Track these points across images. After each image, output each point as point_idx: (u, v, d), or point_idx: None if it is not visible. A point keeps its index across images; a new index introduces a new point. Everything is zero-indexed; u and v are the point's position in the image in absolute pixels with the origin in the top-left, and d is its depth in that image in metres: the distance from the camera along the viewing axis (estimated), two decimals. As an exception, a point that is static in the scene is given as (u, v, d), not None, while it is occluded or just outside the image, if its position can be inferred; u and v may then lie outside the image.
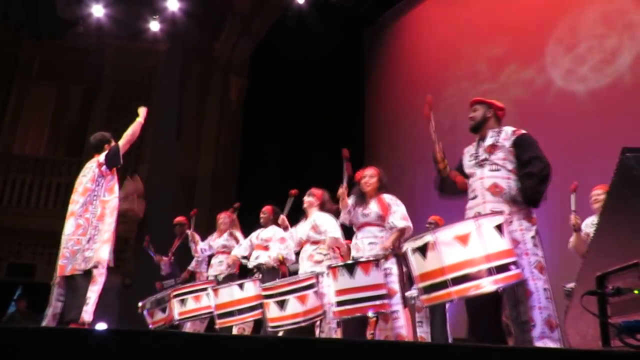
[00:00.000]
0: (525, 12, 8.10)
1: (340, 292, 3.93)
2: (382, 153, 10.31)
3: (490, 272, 2.78)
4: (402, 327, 4.01)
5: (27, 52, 10.84)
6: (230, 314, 5.06)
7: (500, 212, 3.05)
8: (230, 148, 11.51)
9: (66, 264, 4.37)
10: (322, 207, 5.01)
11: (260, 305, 5.01)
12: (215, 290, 5.18)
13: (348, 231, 4.73)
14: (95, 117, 10.71)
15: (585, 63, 7.14)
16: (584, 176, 6.25)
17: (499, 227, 2.90)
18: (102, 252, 4.44)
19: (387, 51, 10.96)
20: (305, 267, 4.85)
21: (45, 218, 9.71)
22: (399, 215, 4.21)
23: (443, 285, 2.84)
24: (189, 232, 6.94)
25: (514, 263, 2.87)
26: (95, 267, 4.38)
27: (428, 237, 2.92)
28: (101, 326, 6.26)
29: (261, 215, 5.93)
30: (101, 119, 10.62)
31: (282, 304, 4.36)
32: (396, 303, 4.00)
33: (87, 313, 4.24)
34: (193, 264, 6.86)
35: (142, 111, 5.06)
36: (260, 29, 11.54)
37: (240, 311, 5.05)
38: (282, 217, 5.39)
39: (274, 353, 1.33)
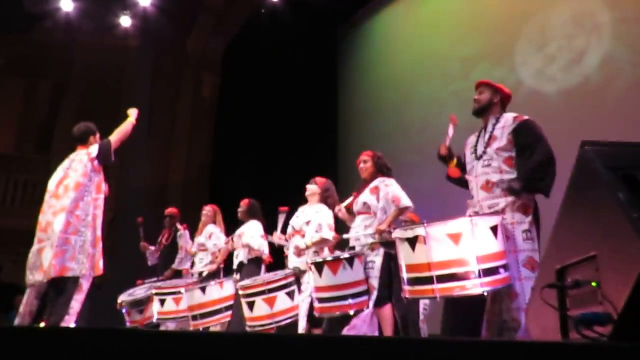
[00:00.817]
0: (497, 11, 8.18)
1: (318, 289, 3.88)
2: (354, 150, 10.26)
3: (479, 274, 2.73)
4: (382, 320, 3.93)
5: (-7, 47, 10.61)
6: (195, 317, 5.01)
7: (498, 212, 2.98)
8: (203, 146, 11.41)
9: (56, 264, 4.10)
10: (324, 198, 4.85)
11: (227, 308, 4.96)
12: (186, 292, 5.14)
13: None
14: (64, 113, 10.51)
15: (555, 63, 7.24)
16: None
17: (494, 229, 2.85)
18: (97, 261, 4.31)
19: (360, 49, 10.97)
20: (291, 261, 4.78)
21: (13, 216, 9.51)
22: (389, 196, 4.04)
23: (428, 280, 2.80)
24: (179, 226, 6.82)
25: (504, 266, 2.82)
26: (84, 275, 4.21)
27: (419, 230, 2.86)
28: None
29: (238, 210, 5.85)
30: (70, 116, 10.41)
31: (250, 305, 4.32)
32: (372, 300, 3.90)
33: (68, 323, 4.09)
34: (176, 261, 6.74)
35: (133, 112, 4.91)
36: (234, 25, 11.46)
37: (203, 315, 5.00)
38: (279, 235, 5.14)
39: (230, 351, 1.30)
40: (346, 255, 3.89)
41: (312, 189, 4.93)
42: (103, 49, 10.84)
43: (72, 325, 4.16)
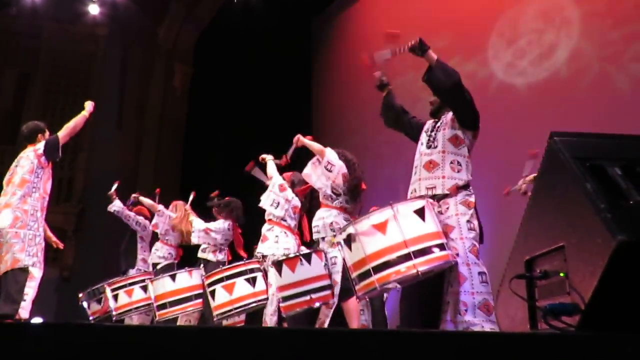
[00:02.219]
0: (469, 5, 8.24)
1: (281, 289, 3.99)
2: (328, 142, 10.21)
3: (409, 256, 2.81)
4: (348, 312, 4.00)
5: (-45, 34, 10.26)
6: (164, 306, 5.03)
7: (422, 197, 3.08)
8: (174, 137, 11.25)
9: (7, 258, 4.24)
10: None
11: (197, 296, 5.00)
12: (151, 281, 5.15)
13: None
14: (30, 102, 10.25)
15: (525, 57, 7.33)
16: (522, 165, 6.44)
17: (420, 211, 2.92)
18: (40, 253, 4.38)
19: (335, 41, 10.95)
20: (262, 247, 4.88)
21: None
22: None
23: (367, 274, 2.89)
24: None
25: (438, 245, 2.89)
26: (33, 265, 4.29)
27: (349, 229, 2.99)
28: (37, 320, 6.06)
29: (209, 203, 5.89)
30: (36, 105, 10.18)
31: (212, 294, 4.39)
32: (335, 294, 3.99)
33: (25, 310, 4.14)
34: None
35: (89, 105, 4.86)
36: (206, 15, 11.29)
37: (174, 303, 5.03)
38: None
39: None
40: (303, 252, 4.07)
41: None
42: (71, 37, 10.59)
43: (27, 312, 4.22)
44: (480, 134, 3.27)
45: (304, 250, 4.26)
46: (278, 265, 3.97)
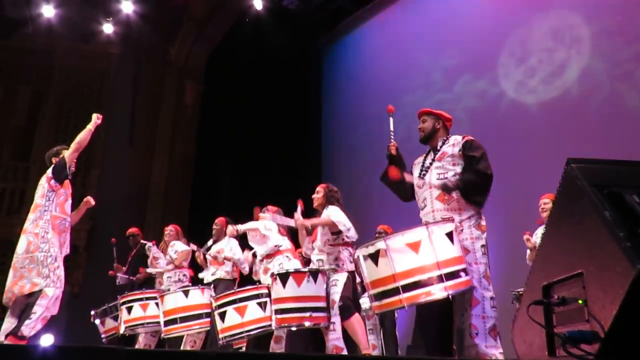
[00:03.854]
0: (479, 24, 8.27)
1: (275, 301, 4.00)
2: (338, 160, 10.34)
3: (441, 279, 2.80)
4: (338, 339, 4.00)
5: (-28, 52, 10.42)
6: (174, 321, 4.99)
7: (451, 219, 3.07)
8: (185, 154, 11.31)
9: (25, 284, 4.27)
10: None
11: (207, 315, 4.96)
12: (162, 297, 5.12)
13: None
14: (43, 120, 10.37)
15: (536, 75, 7.34)
16: (533, 184, 6.42)
17: (450, 235, 2.93)
18: (53, 273, 4.37)
19: (344, 59, 11.01)
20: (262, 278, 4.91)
21: (-11, 224, 9.33)
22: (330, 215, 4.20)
23: (394, 292, 2.85)
24: (147, 243, 6.78)
25: (464, 270, 2.91)
26: (47, 285, 4.31)
27: (380, 244, 2.93)
28: (48, 338, 6.05)
29: (214, 227, 5.83)
30: (49, 122, 10.30)
31: (222, 315, 4.36)
32: (334, 314, 3.99)
33: (27, 327, 4.13)
34: (149, 265, 6.66)
35: (95, 118, 4.82)
36: (217, 34, 11.42)
37: (184, 319, 5.00)
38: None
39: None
40: (311, 268, 4.03)
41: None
42: (84, 55, 10.74)
43: (36, 330, 4.20)
44: (491, 152, 3.27)
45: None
46: (284, 277, 3.95)
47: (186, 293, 5.09)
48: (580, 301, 1.63)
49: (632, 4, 6.46)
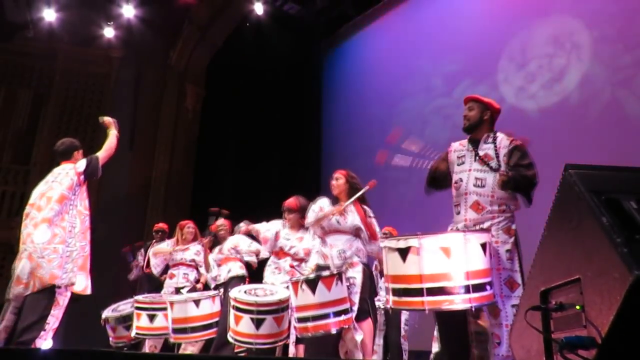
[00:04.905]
0: (479, 29, 8.30)
1: (301, 308, 3.79)
2: (338, 165, 10.29)
3: (467, 289, 2.73)
4: (363, 334, 3.86)
5: (-27, 55, 10.45)
6: (184, 330, 4.95)
7: (487, 230, 2.99)
8: (186, 158, 11.33)
9: (43, 274, 4.06)
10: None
11: (216, 324, 4.92)
12: (172, 304, 5.07)
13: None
14: (44, 123, 10.38)
15: (535, 81, 7.35)
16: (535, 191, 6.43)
17: (484, 246, 2.85)
18: (79, 279, 4.26)
19: (344, 64, 11.04)
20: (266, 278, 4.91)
21: (-11, 227, 9.33)
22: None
23: (418, 292, 2.78)
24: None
25: (490, 283, 2.83)
26: (59, 287, 4.14)
27: (413, 241, 2.82)
28: (47, 343, 6.02)
29: (220, 229, 5.87)
30: (50, 126, 10.30)
31: (258, 323, 4.21)
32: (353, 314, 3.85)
33: (42, 339, 4.02)
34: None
35: (112, 123, 4.77)
36: (218, 38, 11.44)
37: (194, 329, 4.96)
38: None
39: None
40: (334, 272, 3.82)
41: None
42: (85, 59, 10.77)
43: (49, 341, 4.11)
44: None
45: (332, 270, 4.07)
46: (312, 283, 3.72)
47: (197, 303, 5.01)
48: (577, 307, 1.63)
49: (632, 10, 6.47)
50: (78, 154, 4.61)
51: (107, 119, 4.81)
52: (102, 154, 4.55)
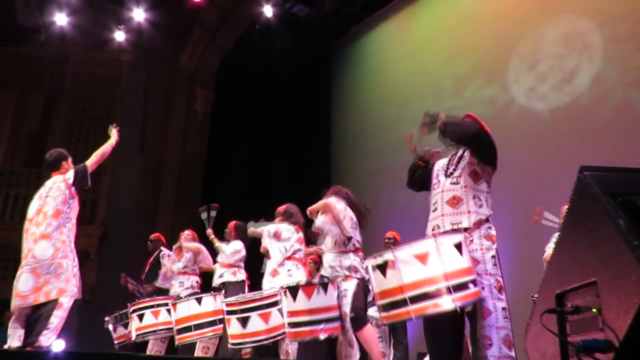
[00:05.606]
0: (489, 30, 8.27)
1: (289, 314, 3.94)
2: (347, 166, 10.34)
3: (449, 290, 2.78)
4: (365, 340, 3.92)
5: (-15, 58, 10.56)
6: (188, 329, 5.00)
7: (460, 230, 3.04)
8: (196, 160, 11.37)
9: (51, 289, 4.15)
10: (291, 223, 4.93)
11: (220, 321, 4.96)
12: (174, 305, 5.12)
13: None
14: (56, 126, 10.47)
15: (546, 82, 7.31)
16: (544, 191, 6.39)
17: (458, 246, 2.90)
18: (72, 284, 4.30)
19: (353, 65, 11.03)
20: (265, 283, 4.87)
21: (2, 230, 9.41)
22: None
23: (402, 303, 2.84)
24: (163, 249, 6.75)
25: (473, 281, 2.88)
26: (73, 295, 4.25)
27: (388, 255, 2.92)
28: (59, 344, 6.09)
29: (226, 231, 5.93)
30: (62, 129, 10.39)
31: (244, 321, 4.29)
32: (347, 328, 3.92)
33: (45, 337, 4.05)
34: (160, 279, 6.64)
35: (114, 133, 4.87)
36: (227, 41, 11.49)
37: (198, 326, 5.00)
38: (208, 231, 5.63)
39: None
40: (321, 281, 3.95)
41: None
42: (96, 62, 10.85)
43: (52, 340, 4.13)
44: (501, 159, 3.24)
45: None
46: (293, 290, 3.91)
47: (199, 300, 5.10)
48: (594, 310, 1.62)
49: (643, 10, 6.43)
50: (67, 164, 4.64)
51: (113, 130, 4.92)
52: (91, 161, 4.58)
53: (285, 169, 10.76)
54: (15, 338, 4.18)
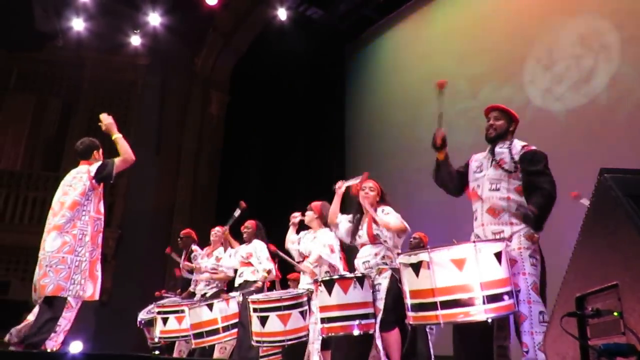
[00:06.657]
0: (504, 31, 8.21)
1: (322, 309, 3.83)
2: (362, 169, 10.26)
3: (483, 300, 2.69)
4: (388, 345, 3.82)
5: (4, 64, 10.69)
6: (201, 335, 5.01)
7: (502, 239, 2.95)
8: (211, 164, 11.42)
9: (48, 283, 3.93)
10: (325, 222, 4.73)
11: (234, 325, 4.95)
12: (189, 310, 5.15)
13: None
14: (73, 131, 10.56)
15: (563, 82, 7.24)
16: (561, 193, 6.31)
17: (498, 255, 2.81)
18: (87, 287, 4.08)
19: (368, 68, 11.02)
20: (303, 282, 4.79)
21: (20, 233, 9.53)
22: (391, 220, 4.05)
23: (432, 306, 2.77)
24: (194, 247, 6.72)
25: (508, 293, 2.78)
26: (78, 296, 4.03)
27: (423, 256, 2.84)
28: (76, 345, 6.15)
29: (244, 230, 5.82)
30: (79, 133, 10.45)
31: (263, 320, 4.28)
32: (377, 323, 3.79)
33: (53, 340, 3.89)
34: (192, 284, 6.64)
35: (111, 124, 4.51)
36: (242, 44, 11.53)
37: (210, 332, 5.01)
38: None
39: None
40: (357, 274, 3.84)
41: (309, 215, 4.91)
42: (112, 67, 10.96)
43: (56, 344, 3.98)
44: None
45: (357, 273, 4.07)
46: (329, 284, 3.77)
47: (210, 307, 5.10)
48: (615, 313, 1.61)
49: (662, 9, 6.35)
50: (97, 154, 4.48)
51: (104, 118, 4.55)
52: (120, 161, 4.32)
53: (300, 172, 10.78)
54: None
